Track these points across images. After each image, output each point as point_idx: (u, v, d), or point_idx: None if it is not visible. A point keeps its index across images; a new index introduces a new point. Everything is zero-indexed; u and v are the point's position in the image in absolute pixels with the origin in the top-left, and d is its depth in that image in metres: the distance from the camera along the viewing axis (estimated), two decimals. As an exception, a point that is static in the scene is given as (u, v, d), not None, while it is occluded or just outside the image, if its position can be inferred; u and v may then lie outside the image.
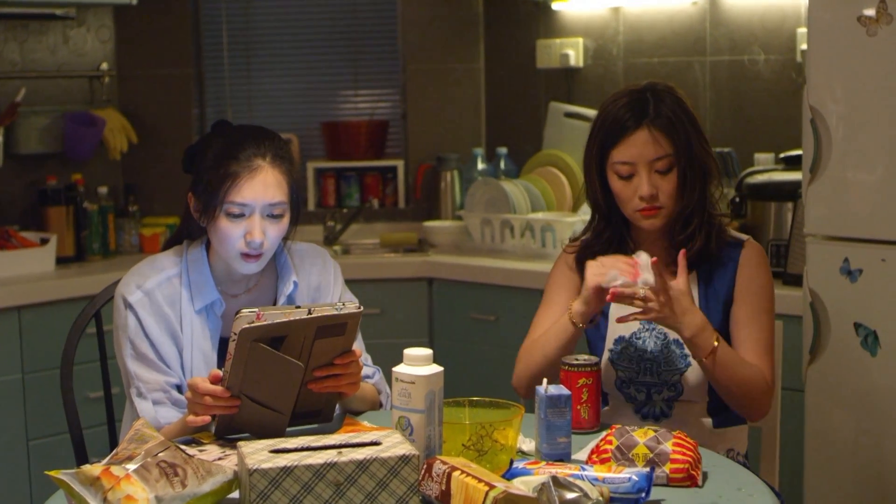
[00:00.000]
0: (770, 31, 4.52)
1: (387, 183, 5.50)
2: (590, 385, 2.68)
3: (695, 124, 2.85)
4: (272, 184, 2.73)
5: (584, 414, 2.68)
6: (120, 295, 2.79)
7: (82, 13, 5.18)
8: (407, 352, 2.34)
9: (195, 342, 2.78)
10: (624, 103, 2.83)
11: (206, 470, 2.12)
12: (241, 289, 2.86)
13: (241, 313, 2.46)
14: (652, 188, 2.79)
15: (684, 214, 2.85)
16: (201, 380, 2.48)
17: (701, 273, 2.88)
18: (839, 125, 3.35)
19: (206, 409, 2.48)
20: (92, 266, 4.85)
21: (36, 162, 5.01)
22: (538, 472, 2.21)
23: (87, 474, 2.05)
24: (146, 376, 2.74)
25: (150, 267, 2.83)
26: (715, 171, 2.88)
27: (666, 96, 2.83)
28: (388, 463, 2.09)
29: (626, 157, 2.81)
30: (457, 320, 4.74)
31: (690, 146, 2.81)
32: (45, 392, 4.31)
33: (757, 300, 2.86)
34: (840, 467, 3.43)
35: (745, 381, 2.77)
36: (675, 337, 2.84)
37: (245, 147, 2.74)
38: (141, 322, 2.75)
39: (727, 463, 2.53)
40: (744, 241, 2.91)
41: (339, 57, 5.53)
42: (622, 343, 2.91)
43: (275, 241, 2.75)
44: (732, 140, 4.58)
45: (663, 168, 2.80)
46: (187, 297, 2.79)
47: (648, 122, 2.80)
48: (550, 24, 5.19)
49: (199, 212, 2.76)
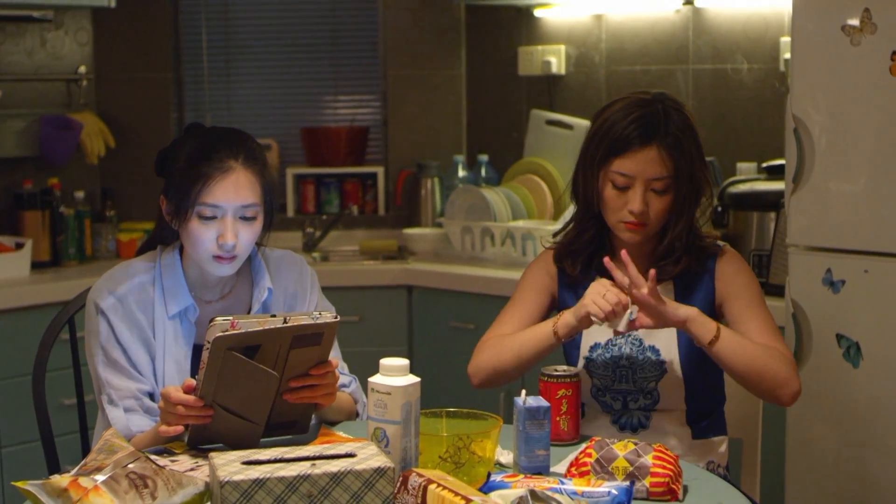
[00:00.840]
0: (753, 39, 4.50)
1: (367, 189, 5.47)
2: (569, 396, 2.66)
3: (698, 144, 2.82)
4: (244, 185, 2.69)
5: (564, 426, 2.66)
6: (92, 301, 2.75)
7: (60, 15, 5.14)
8: (383, 362, 2.31)
9: (168, 349, 2.74)
10: (636, 116, 2.78)
11: (176, 481, 2.09)
12: (216, 295, 2.83)
13: (214, 321, 2.43)
14: (643, 206, 2.76)
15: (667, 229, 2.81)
16: (174, 389, 2.44)
17: (677, 283, 2.85)
18: (822, 135, 3.34)
19: (178, 419, 2.44)
20: (68, 271, 4.81)
21: (12, 165, 4.97)
22: (516, 486, 2.18)
23: (54, 486, 2.01)
24: (118, 383, 2.70)
25: (122, 272, 2.79)
26: (708, 190, 2.85)
27: (675, 113, 2.80)
28: (362, 475, 2.06)
29: (626, 170, 2.77)
30: (437, 329, 4.71)
31: (692, 168, 2.78)
32: (18, 399, 4.26)
33: (747, 293, 2.83)
34: (822, 480, 3.41)
35: (761, 358, 2.70)
36: (651, 343, 2.83)
37: (217, 148, 2.70)
38: (113, 328, 2.71)
39: (708, 476, 2.51)
40: (719, 248, 2.88)
41: (319, 62, 5.50)
42: (597, 350, 2.88)
43: (248, 243, 2.72)
44: (715, 149, 4.56)
45: (660, 188, 2.77)
46: (160, 303, 2.75)
47: (658, 141, 2.76)
48: (532, 30, 5.17)
49: (171, 214, 2.73)
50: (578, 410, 2.70)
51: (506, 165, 5.14)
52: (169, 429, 2.46)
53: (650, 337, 2.84)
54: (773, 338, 2.78)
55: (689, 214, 2.81)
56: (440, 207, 5.24)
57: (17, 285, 4.49)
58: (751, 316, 2.80)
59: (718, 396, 2.93)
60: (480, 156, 5.24)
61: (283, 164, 5.47)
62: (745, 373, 2.70)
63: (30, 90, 5.08)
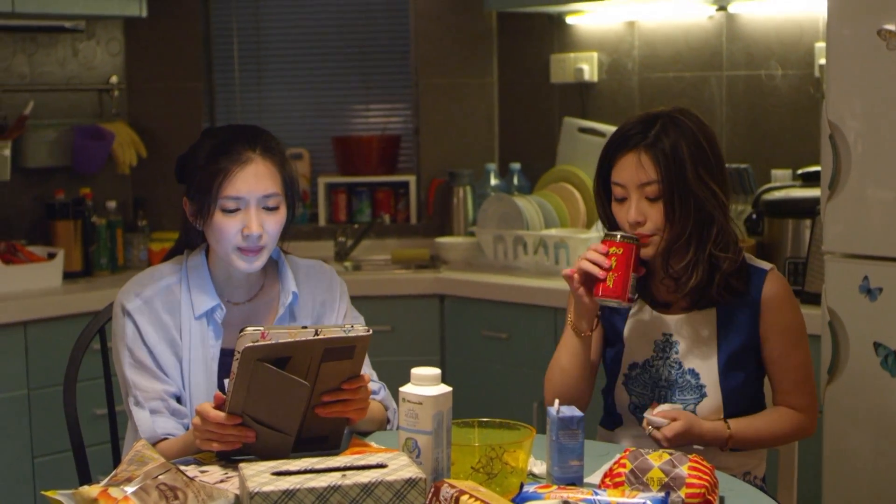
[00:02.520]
0: (787, 45, 4.47)
1: (398, 198, 5.46)
2: (619, 255, 2.69)
3: (702, 160, 2.74)
4: (264, 175, 2.71)
5: (610, 282, 2.68)
6: (119, 303, 2.77)
7: (92, 26, 5.15)
8: (414, 371, 2.29)
9: (194, 350, 2.75)
10: (632, 124, 2.79)
11: (206, 494, 2.07)
12: (242, 296, 2.83)
13: (245, 331, 2.41)
14: (639, 214, 2.74)
15: (677, 246, 2.76)
16: (210, 406, 2.43)
17: (719, 312, 2.83)
18: (858, 141, 3.30)
19: (219, 440, 2.43)
20: (99, 281, 4.81)
21: (44, 176, 4.98)
22: (549, 497, 2.16)
23: (84, 496, 2.00)
24: (144, 385, 2.71)
25: (149, 276, 2.81)
26: (718, 211, 2.76)
27: (679, 125, 2.76)
28: (393, 486, 2.03)
29: (619, 179, 2.77)
30: (468, 338, 4.68)
31: (684, 178, 2.72)
32: (50, 408, 4.27)
33: (786, 338, 2.82)
34: (859, 490, 3.37)
35: (776, 436, 2.84)
36: (691, 366, 2.81)
37: (234, 142, 2.73)
38: (139, 330, 2.72)
39: (744, 487, 2.48)
40: (766, 271, 2.83)
41: (351, 71, 5.50)
42: (636, 369, 2.87)
43: (273, 234, 2.73)
44: (749, 156, 4.53)
45: (652, 195, 2.74)
46: (187, 304, 2.76)
47: (641, 147, 2.74)
48: (565, 38, 5.14)
49: (195, 214, 2.75)
50: (629, 272, 2.69)
51: (538, 174, 5.12)
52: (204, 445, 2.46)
53: (689, 360, 2.82)
54: (797, 389, 2.84)
55: (684, 223, 2.74)
56: (472, 216, 5.22)
57: (49, 295, 4.50)
58: (788, 364, 2.83)
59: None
60: (512, 164, 5.22)
61: (315, 173, 5.47)
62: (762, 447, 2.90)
63: (62, 100, 5.09)
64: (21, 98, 4.92)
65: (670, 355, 2.83)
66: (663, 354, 2.84)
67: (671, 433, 2.64)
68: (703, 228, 2.76)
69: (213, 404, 2.42)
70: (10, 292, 4.46)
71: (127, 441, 2.81)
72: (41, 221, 4.92)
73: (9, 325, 4.29)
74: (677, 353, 2.82)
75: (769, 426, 2.81)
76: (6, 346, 4.29)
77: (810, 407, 2.85)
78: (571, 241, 4.54)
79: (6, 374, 4.28)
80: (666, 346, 2.84)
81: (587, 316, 2.81)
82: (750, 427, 2.79)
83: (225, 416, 2.39)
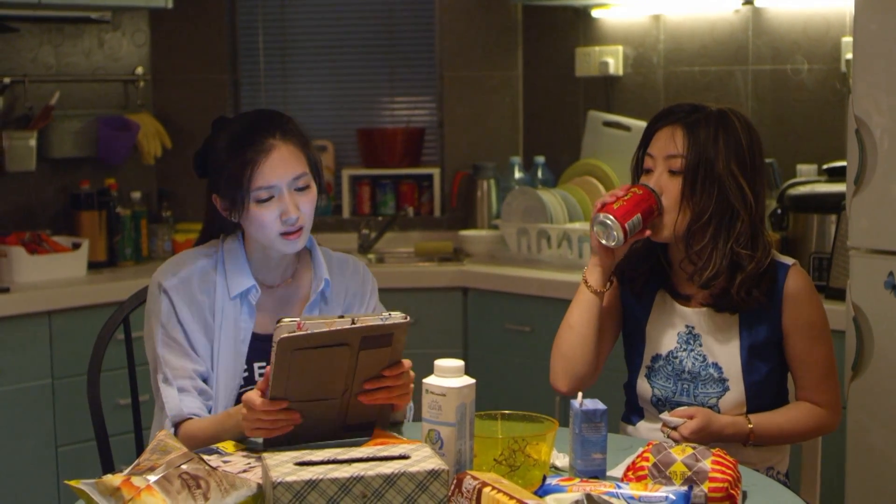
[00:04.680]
0: (814, 39, 4.45)
1: (422, 191, 5.46)
2: (636, 193, 2.75)
3: (737, 153, 2.74)
4: (289, 158, 2.74)
5: (616, 205, 2.74)
6: (155, 281, 2.80)
7: (118, 17, 5.16)
8: (438, 363, 2.29)
9: (225, 332, 2.78)
10: (682, 105, 2.82)
11: (229, 483, 2.07)
12: (277, 279, 2.86)
13: (281, 322, 2.44)
14: (657, 185, 2.76)
15: (695, 227, 2.75)
16: (256, 395, 2.44)
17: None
18: (884, 136, 3.28)
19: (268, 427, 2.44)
20: (124, 271, 4.83)
21: (69, 166, 5.00)
22: (572, 490, 2.15)
23: (107, 485, 2.00)
24: (174, 362, 2.74)
25: (186, 257, 2.85)
26: (744, 209, 2.74)
27: (726, 121, 2.76)
28: (416, 478, 2.03)
29: (651, 150, 2.80)
30: (492, 331, 4.68)
31: (710, 162, 2.72)
32: (74, 398, 4.28)
33: (809, 334, 2.81)
34: (882, 486, 3.36)
35: (798, 432, 2.83)
36: (714, 360, 2.81)
37: (253, 131, 2.75)
38: (175, 307, 2.76)
39: (767, 482, 2.47)
40: (789, 266, 2.82)
41: (375, 63, 5.49)
42: (659, 361, 2.86)
43: (309, 213, 2.76)
44: (774, 151, 4.51)
45: (675, 168, 2.75)
46: (222, 285, 2.80)
47: (679, 122, 2.76)
48: (590, 31, 5.13)
49: (228, 209, 2.77)
50: (637, 210, 2.73)
51: (562, 167, 5.11)
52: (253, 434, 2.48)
53: (713, 354, 2.81)
54: (823, 387, 2.83)
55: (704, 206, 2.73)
56: (496, 209, 5.22)
57: (73, 285, 4.51)
58: (811, 360, 2.82)
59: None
60: (537, 157, 5.21)
61: (339, 165, 5.47)
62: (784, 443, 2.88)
63: (87, 91, 5.11)
64: (47, 89, 4.93)
65: (694, 347, 2.82)
66: (687, 346, 2.83)
67: (688, 431, 2.62)
68: (724, 218, 2.75)
69: (259, 392, 2.43)
70: (35, 282, 4.48)
71: (154, 423, 2.83)
72: (66, 211, 4.94)
73: (34, 314, 4.31)
74: (701, 345, 2.81)
75: (791, 422, 2.80)
76: (31, 335, 4.30)
77: (833, 403, 2.84)
78: (595, 234, 4.53)
79: (31, 364, 4.30)
80: (690, 337, 2.83)
81: (602, 266, 2.82)
82: (772, 423, 2.78)
83: (268, 403, 2.41)
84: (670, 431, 2.64)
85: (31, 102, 4.87)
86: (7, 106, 4.84)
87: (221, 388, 2.76)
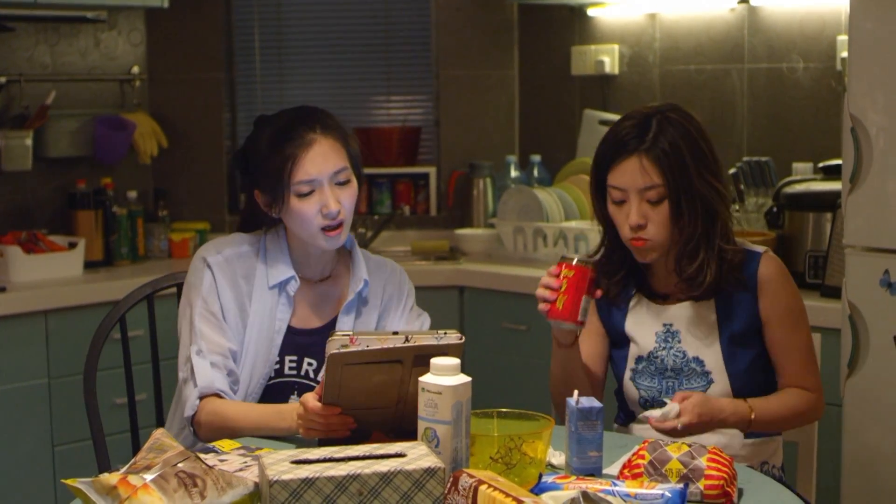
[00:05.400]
0: (809, 38, 4.45)
1: (419, 190, 5.46)
2: (570, 278, 2.69)
3: (700, 157, 2.75)
4: (329, 152, 2.78)
5: (559, 304, 2.69)
6: (200, 256, 2.84)
7: (114, 16, 5.16)
8: (434, 361, 2.29)
9: (260, 321, 2.82)
10: (628, 126, 2.77)
11: (226, 481, 2.07)
12: (316, 274, 2.90)
13: (334, 335, 2.47)
14: (640, 217, 2.74)
15: (689, 248, 2.77)
16: (312, 397, 2.48)
17: (718, 301, 2.83)
18: (880, 135, 3.28)
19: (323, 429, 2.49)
20: (120, 271, 4.82)
21: (65, 165, 5.00)
22: (568, 487, 2.16)
23: (103, 483, 2.00)
24: (211, 336, 2.77)
25: (232, 239, 2.90)
26: (722, 206, 2.77)
27: (673, 124, 2.75)
28: (412, 475, 2.03)
29: (618, 183, 2.76)
30: (488, 329, 4.68)
31: (688, 180, 2.72)
32: (71, 398, 4.29)
33: (787, 321, 2.82)
34: (879, 484, 3.36)
35: (794, 416, 2.82)
36: (695, 354, 2.82)
37: (293, 126, 2.79)
38: (216, 283, 2.80)
39: (763, 479, 2.47)
40: (760, 253, 2.83)
41: (371, 62, 5.49)
42: (642, 362, 2.88)
43: (350, 207, 2.80)
44: (770, 149, 4.52)
45: (654, 198, 2.74)
46: (262, 274, 2.84)
47: (641, 151, 2.73)
48: (585, 30, 5.13)
49: (269, 204, 2.81)
50: (580, 295, 2.68)
51: (558, 166, 5.11)
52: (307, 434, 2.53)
53: (693, 349, 2.82)
54: (803, 371, 2.84)
55: (704, 225, 2.76)
56: (492, 208, 5.22)
57: (69, 284, 4.51)
58: (791, 346, 2.83)
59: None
60: (533, 156, 5.21)
61: (335, 164, 5.46)
62: (781, 428, 2.88)
63: (83, 90, 5.11)
64: (43, 88, 4.93)
65: (673, 345, 2.83)
66: (666, 344, 2.84)
67: (689, 407, 2.60)
68: (710, 226, 2.77)
69: (316, 396, 2.47)
70: (32, 281, 4.48)
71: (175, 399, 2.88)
72: (62, 211, 4.93)
73: (30, 314, 4.31)
74: (680, 341, 2.82)
75: (786, 406, 2.80)
76: (27, 335, 4.30)
77: (817, 386, 2.85)
78: (591, 233, 4.54)
79: (27, 363, 4.30)
80: (668, 335, 2.84)
81: (566, 340, 2.83)
82: (768, 406, 2.77)
83: (323, 407, 2.44)
84: (668, 422, 2.62)
85: (27, 102, 4.87)
86: (3, 105, 4.84)
87: (247, 376, 2.78)
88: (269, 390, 2.82)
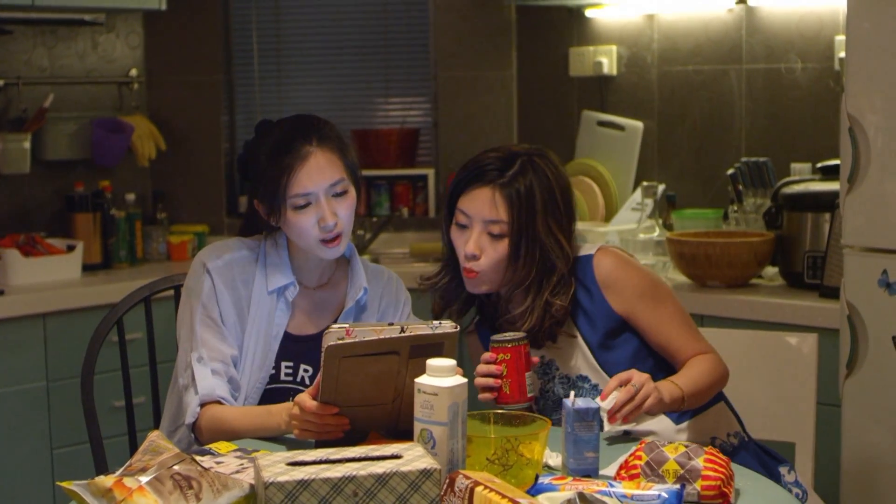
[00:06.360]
0: (807, 38, 4.45)
1: (417, 191, 5.45)
2: (508, 360, 2.66)
3: (552, 209, 2.76)
4: (326, 164, 2.77)
5: (506, 388, 2.66)
6: (200, 261, 2.84)
7: (111, 19, 5.16)
8: (430, 362, 2.29)
9: (258, 326, 2.81)
10: (493, 157, 2.79)
11: (221, 483, 2.07)
12: (314, 281, 2.90)
13: (330, 329, 2.46)
14: (476, 248, 2.75)
15: (517, 292, 2.79)
16: (308, 397, 2.47)
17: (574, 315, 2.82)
18: (878, 135, 3.28)
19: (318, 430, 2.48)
20: (118, 274, 4.82)
21: (63, 168, 5.00)
22: (564, 488, 2.15)
23: (98, 486, 2.00)
24: (212, 343, 2.78)
25: (231, 244, 2.89)
26: (561, 262, 2.76)
27: (536, 170, 2.76)
28: (408, 477, 2.03)
29: (465, 208, 2.78)
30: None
31: (533, 226, 2.74)
32: (69, 400, 4.28)
33: (645, 304, 2.80)
34: (878, 484, 3.36)
35: (714, 379, 2.77)
36: (577, 374, 2.82)
37: (291, 138, 2.78)
38: (216, 288, 2.80)
39: (760, 479, 2.47)
40: (591, 255, 2.83)
41: (370, 64, 5.49)
42: (539, 402, 2.87)
43: (347, 218, 2.80)
44: (768, 149, 4.52)
45: (496, 232, 2.75)
46: (261, 279, 2.84)
47: (497, 184, 2.74)
48: (584, 31, 5.13)
49: (268, 214, 2.81)
50: (522, 373, 2.66)
51: (557, 167, 5.10)
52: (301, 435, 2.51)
53: (573, 370, 2.83)
54: (692, 339, 2.81)
55: (528, 271, 2.75)
56: (491, 209, 5.21)
57: (68, 287, 4.51)
58: (663, 323, 2.80)
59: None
60: (531, 157, 5.20)
61: (334, 166, 5.46)
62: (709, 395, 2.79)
63: (81, 93, 5.11)
64: (41, 91, 4.93)
65: (554, 374, 2.84)
66: (547, 377, 2.85)
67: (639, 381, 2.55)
68: (544, 277, 2.77)
69: (311, 396, 2.46)
70: (30, 284, 4.48)
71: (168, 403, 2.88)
72: (60, 214, 4.94)
73: (28, 316, 4.31)
74: (558, 368, 2.83)
75: (701, 372, 2.75)
76: (25, 337, 4.30)
77: (710, 346, 2.82)
78: (590, 234, 4.53)
79: (25, 366, 4.30)
80: (546, 367, 2.85)
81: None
82: (689, 376, 2.73)
83: (320, 406, 2.43)
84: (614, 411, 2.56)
85: (24, 105, 4.87)
86: (1, 108, 4.84)
87: (246, 381, 2.79)
88: (266, 396, 2.82)
